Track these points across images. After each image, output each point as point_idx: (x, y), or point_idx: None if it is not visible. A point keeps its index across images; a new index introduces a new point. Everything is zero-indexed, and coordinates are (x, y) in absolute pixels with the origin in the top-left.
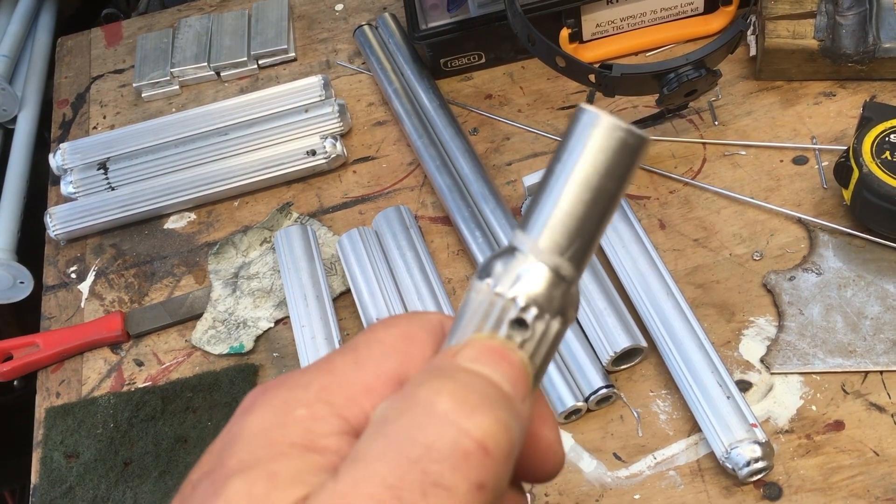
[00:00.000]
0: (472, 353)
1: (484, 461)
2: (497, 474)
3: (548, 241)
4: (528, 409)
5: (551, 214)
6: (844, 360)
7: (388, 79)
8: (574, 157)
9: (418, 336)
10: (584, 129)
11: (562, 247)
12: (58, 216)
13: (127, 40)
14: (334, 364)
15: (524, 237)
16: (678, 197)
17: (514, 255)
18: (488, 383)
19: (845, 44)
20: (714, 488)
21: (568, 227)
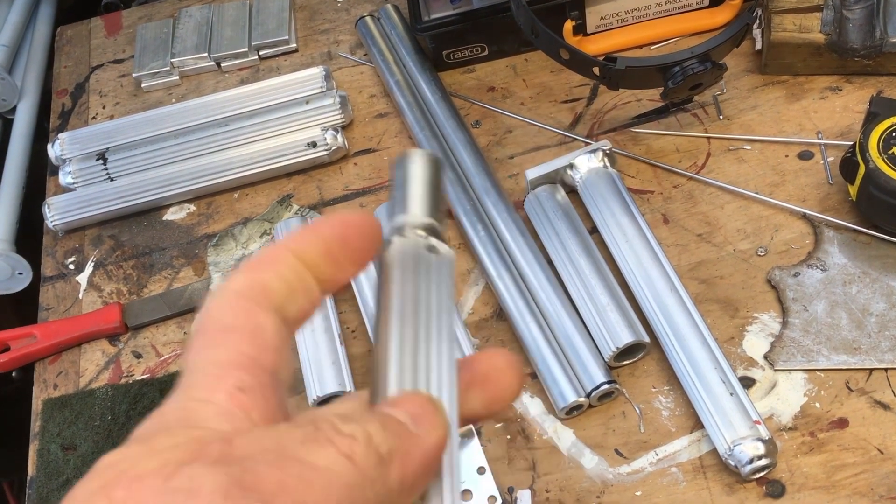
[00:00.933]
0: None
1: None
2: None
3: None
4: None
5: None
6: (849, 357)
7: (389, 70)
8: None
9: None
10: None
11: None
12: (56, 207)
13: (127, 30)
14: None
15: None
16: (682, 191)
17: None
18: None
19: (852, 38)
20: (716, 485)
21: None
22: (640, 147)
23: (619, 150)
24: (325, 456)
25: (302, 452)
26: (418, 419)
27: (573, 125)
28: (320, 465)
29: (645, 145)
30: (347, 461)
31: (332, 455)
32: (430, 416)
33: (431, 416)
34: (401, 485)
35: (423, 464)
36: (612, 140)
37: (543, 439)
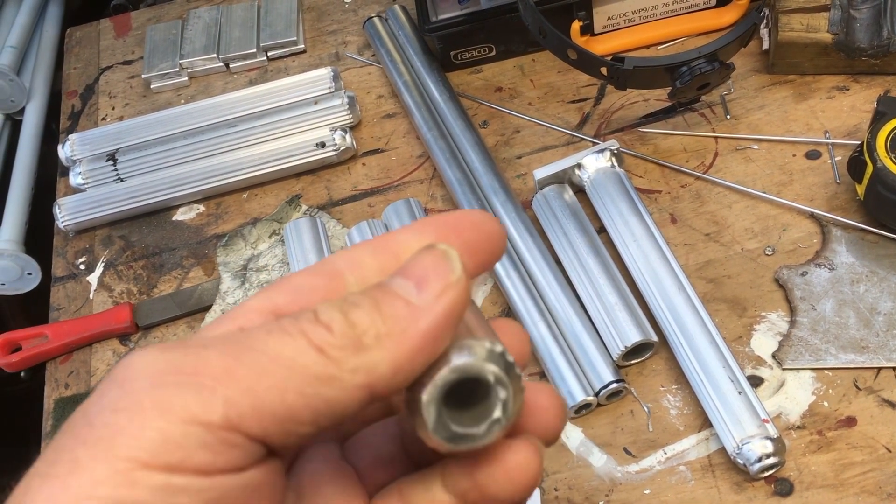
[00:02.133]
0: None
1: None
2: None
3: None
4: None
5: None
6: (857, 355)
7: (397, 71)
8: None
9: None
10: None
11: None
12: (67, 207)
13: (136, 31)
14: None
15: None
16: (690, 191)
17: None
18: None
19: (859, 38)
20: (725, 484)
21: None
22: (648, 147)
23: (627, 149)
24: (291, 346)
25: (262, 342)
26: (423, 283)
27: (581, 125)
28: (282, 355)
29: (652, 145)
30: (316, 352)
31: (300, 345)
32: (440, 274)
33: (441, 274)
34: (395, 370)
35: (425, 341)
36: (620, 140)
37: None
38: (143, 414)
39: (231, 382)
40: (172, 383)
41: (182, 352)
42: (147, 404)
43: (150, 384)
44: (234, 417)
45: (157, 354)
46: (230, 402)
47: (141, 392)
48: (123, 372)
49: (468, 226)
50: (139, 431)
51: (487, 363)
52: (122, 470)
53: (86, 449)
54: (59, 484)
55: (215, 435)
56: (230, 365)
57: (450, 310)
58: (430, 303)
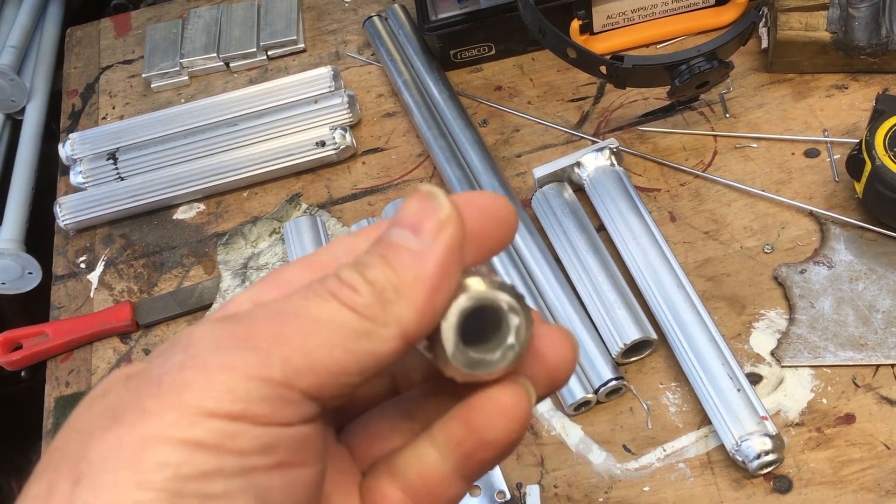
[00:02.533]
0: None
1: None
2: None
3: None
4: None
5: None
6: (855, 353)
7: (397, 70)
8: None
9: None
10: None
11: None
12: (67, 206)
13: (136, 31)
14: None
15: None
16: (689, 189)
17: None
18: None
19: (858, 36)
20: (724, 481)
21: None
22: (647, 145)
23: (626, 148)
24: (328, 308)
25: (302, 308)
26: (418, 228)
27: (580, 124)
28: (322, 317)
29: (652, 143)
30: (351, 312)
31: (335, 307)
32: (430, 215)
33: (431, 215)
34: (420, 314)
35: (436, 281)
36: (619, 138)
37: (552, 435)
38: (209, 371)
39: (284, 344)
40: (234, 346)
41: (235, 322)
42: (213, 363)
43: (214, 347)
44: (291, 374)
45: (214, 325)
46: (286, 360)
47: (206, 354)
48: (186, 340)
49: (476, 212)
50: (206, 384)
51: (500, 292)
52: (189, 415)
53: (154, 400)
54: (126, 429)
55: (274, 390)
56: (280, 330)
57: (449, 245)
58: (429, 244)
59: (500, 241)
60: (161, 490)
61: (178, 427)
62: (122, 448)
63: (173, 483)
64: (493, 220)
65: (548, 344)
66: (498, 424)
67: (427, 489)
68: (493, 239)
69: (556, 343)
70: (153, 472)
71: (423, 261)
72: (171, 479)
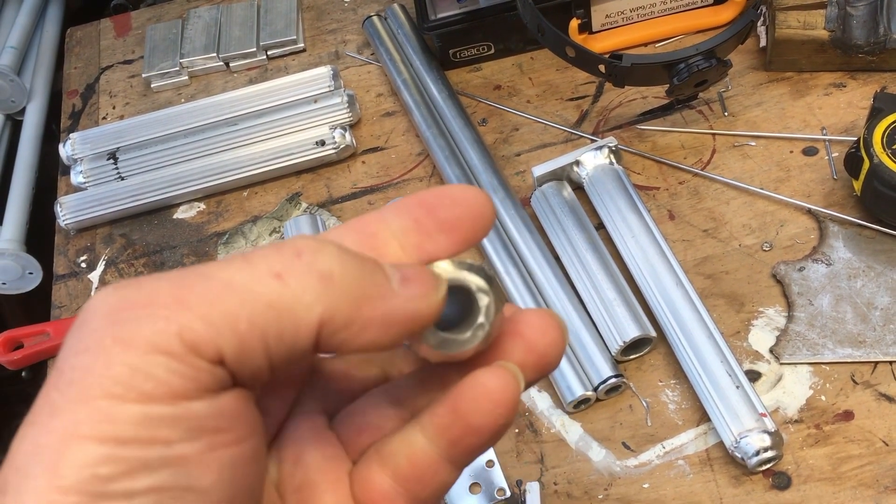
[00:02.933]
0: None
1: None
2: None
3: None
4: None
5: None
6: (854, 350)
7: (396, 69)
8: None
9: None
10: None
11: None
12: (68, 206)
13: (136, 31)
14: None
15: None
16: (688, 188)
17: None
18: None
19: (856, 34)
20: (723, 478)
21: None
22: (646, 144)
23: (625, 146)
24: (248, 272)
25: (218, 270)
26: (408, 281)
27: (579, 122)
28: (234, 281)
29: (650, 142)
30: (275, 279)
31: (258, 272)
32: (425, 284)
33: (426, 285)
34: (348, 317)
35: (393, 323)
36: (618, 137)
37: (551, 433)
38: (106, 351)
39: (183, 310)
40: (128, 318)
41: (136, 287)
42: (108, 342)
43: (108, 322)
44: (191, 343)
45: (111, 292)
46: (185, 328)
47: (100, 331)
48: (82, 315)
49: (448, 202)
50: (106, 368)
51: (468, 273)
52: (100, 407)
53: (59, 393)
54: (41, 429)
55: (179, 361)
56: (183, 294)
57: (420, 313)
58: (407, 298)
59: (474, 232)
60: (83, 493)
61: (90, 423)
62: (40, 451)
63: (95, 485)
64: (464, 211)
65: (534, 328)
66: (485, 409)
67: (416, 476)
68: (464, 230)
69: (542, 326)
70: (72, 474)
71: (394, 296)
72: (91, 480)
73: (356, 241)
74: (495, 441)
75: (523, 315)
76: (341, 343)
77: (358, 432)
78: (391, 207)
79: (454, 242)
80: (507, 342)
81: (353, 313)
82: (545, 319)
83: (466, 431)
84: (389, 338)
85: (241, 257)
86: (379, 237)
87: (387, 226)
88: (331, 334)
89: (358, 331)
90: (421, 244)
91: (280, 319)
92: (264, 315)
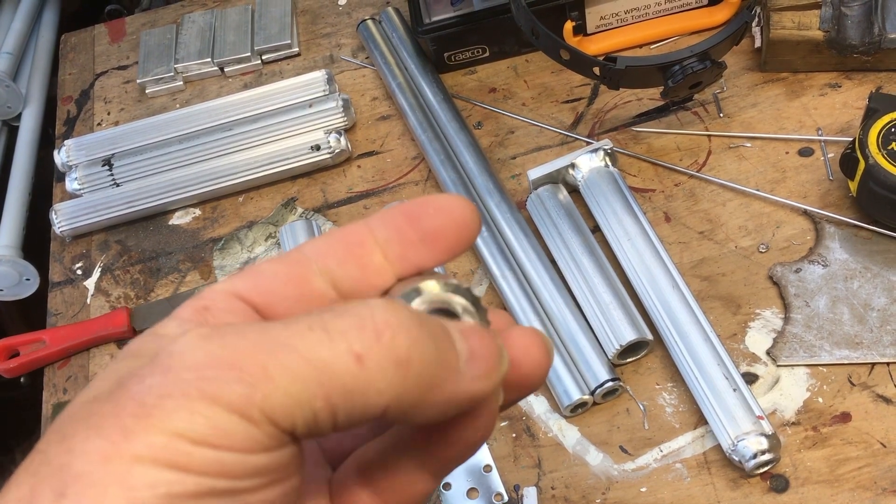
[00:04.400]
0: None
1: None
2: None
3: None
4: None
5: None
6: (851, 351)
7: (391, 73)
8: None
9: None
10: None
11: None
12: (63, 213)
13: (130, 36)
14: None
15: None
16: (683, 190)
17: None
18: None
19: (851, 35)
20: (721, 481)
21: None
22: (642, 146)
23: (621, 149)
24: (328, 348)
25: (299, 339)
26: (475, 358)
27: (574, 125)
28: (314, 357)
29: (646, 144)
30: (354, 360)
31: (338, 350)
32: (491, 362)
33: (491, 363)
34: (415, 402)
35: (454, 404)
36: (614, 139)
37: (548, 437)
38: (191, 402)
39: (267, 381)
40: (215, 378)
41: (220, 341)
42: (195, 395)
43: (196, 376)
44: (270, 414)
45: (197, 344)
46: (267, 400)
47: (187, 383)
48: (167, 360)
49: (431, 212)
50: (190, 415)
51: (454, 295)
52: (175, 441)
53: (137, 421)
54: (110, 445)
55: (257, 427)
56: (267, 363)
57: (483, 395)
58: (472, 379)
59: (458, 242)
60: None
61: (166, 450)
62: (110, 463)
63: (165, 500)
64: (447, 221)
65: (517, 346)
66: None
67: (393, 486)
68: (448, 240)
69: (525, 345)
70: (144, 489)
71: (471, 387)
72: (163, 497)
73: (343, 252)
74: (473, 453)
75: (509, 333)
76: (399, 419)
77: (338, 439)
78: (377, 217)
79: (437, 252)
80: None
81: (420, 399)
82: (530, 338)
83: (444, 444)
84: (445, 415)
85: (320, 326)
86: (365, 247)
87: (372, 234)
88: (393, 414)
89: (420, 412)
90: (404, 254)
91: (353, 401)
92: (338, 396)
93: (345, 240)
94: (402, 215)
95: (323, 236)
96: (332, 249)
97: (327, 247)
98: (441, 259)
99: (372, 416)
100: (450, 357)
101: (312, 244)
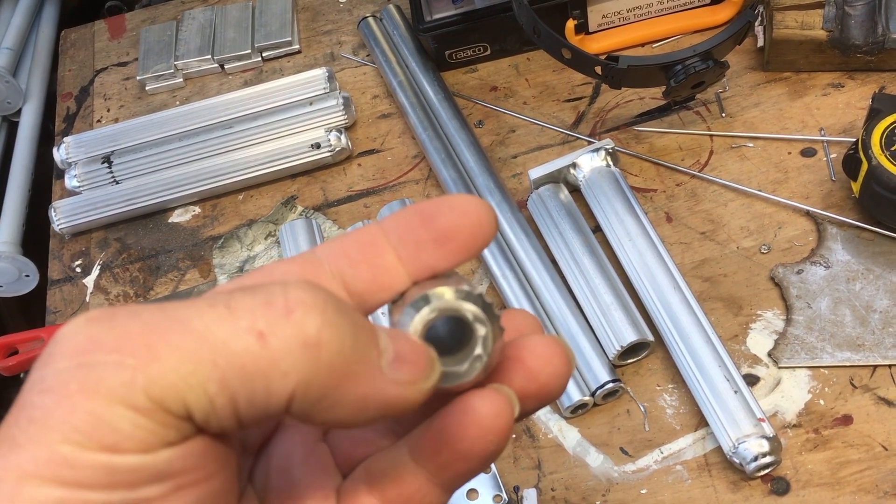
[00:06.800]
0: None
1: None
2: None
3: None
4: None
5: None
6: (853, 353)
7: (392, 71)
8: None
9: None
10: None
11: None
12: (62, 210)
13: (130, 33)
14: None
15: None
16: (685, 190)
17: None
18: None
19: (854, 34)
20: (721, 483)
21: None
22: (643, 145)
23: (622, 148)
24: (228, 326)
25: (195, 315)
26: (401, 362)
27: (576, 124)
28: (211, 335)
29: (648, 144)
30: (255, 338)
31: (238, 327)
32: (418, 369)
33: (418, 370)
34: (326, 388)
35: (370, 406)
36: (615, 139)
37: (548, 438)
38: (69, 397)
39: (152, 362)
40: (94, 363)
41: (107, 324)
42: (73, 386)
43: (74, 364)
44: (157, 399)
45: (81, 327)
46: (152, 383)
47: (65, 372)
48: (51, 348)
49: (445, 211)
50: (69, 414)
51: (465, 302)
52: (61, 452)
53: (19, 430)
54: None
55: (144, 415)
56: (154, 342)
57: (408, 401)
58: (396, 381)
59: (473, 243)
60: None
61: (50, 465)
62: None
63: None
64: (462, 221)
65: (537, 355)
66: (473, 436)
67: (402, 497)
68: (463, 240)
69: (546, 355)
70: None
71: (391, 391)
72: None
73: (356, 253)
74: (487, 466)
75: (528, 341)
76: (308, 414)
77: (351, 446)
78: (391, 216)
79: (451, 253)
80: (507, 368)
81: (330, 389)
82: (551, 348)
83: (454, 457)
84: (362, 419)
85: (224, 303)
86: (377, 247)
87: (386, 236)
88: (300, 404)
89: (329, 406)
90: (418, 255)
91: (252, 384)
92: (236, 378)
93: (358, 240)
94: (416, 215)
95: (337, 238)
96: (345, 250)
97: (340, 248)
98: (455, 260)
99: (277, 405)
100: (369, 351)
101: (326, 246)
